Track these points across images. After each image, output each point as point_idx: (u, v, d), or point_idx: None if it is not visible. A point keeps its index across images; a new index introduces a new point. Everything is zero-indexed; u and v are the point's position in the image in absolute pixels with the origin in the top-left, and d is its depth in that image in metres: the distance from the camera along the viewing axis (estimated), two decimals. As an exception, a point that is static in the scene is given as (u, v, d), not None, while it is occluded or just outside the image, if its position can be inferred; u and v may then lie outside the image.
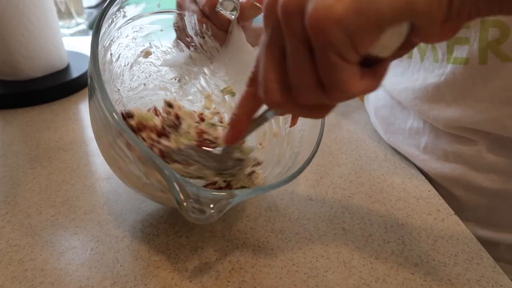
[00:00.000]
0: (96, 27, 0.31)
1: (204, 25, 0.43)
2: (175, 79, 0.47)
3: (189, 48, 0.45)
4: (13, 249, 0.38)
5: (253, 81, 0.27)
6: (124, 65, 0.42)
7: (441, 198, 0.47)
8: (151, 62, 0.45)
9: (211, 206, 0.28)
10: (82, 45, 0.86)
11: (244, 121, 0.29)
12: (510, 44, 0.38)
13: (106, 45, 0.38)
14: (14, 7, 0.57)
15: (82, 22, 1.22)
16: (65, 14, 0.88)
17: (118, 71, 0.41)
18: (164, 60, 0.46)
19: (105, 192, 0.45)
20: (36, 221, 0.41)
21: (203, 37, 0.44)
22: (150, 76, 0.46)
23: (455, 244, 0.40)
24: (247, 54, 0.43)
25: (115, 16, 0.36)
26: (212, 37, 0.44)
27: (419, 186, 0.49)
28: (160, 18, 0.44)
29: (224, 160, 0.35)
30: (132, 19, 0.40)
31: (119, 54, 0.41)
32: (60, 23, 0.68)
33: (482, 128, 0.43)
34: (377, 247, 0.40)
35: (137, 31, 0.42)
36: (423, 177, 0.50)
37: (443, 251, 0.39)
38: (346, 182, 0.48)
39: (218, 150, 0.35)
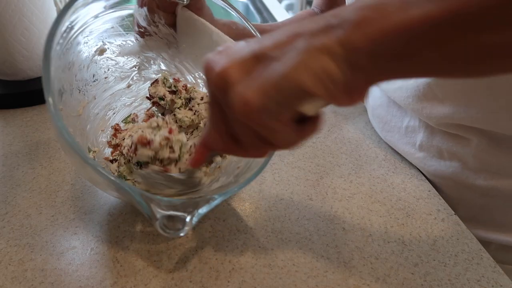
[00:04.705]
0: (44, 56, 0.31)
1: (155, 14, 0.45)
2: (135, 67, 0.50)
3: (143, 37, 0.48)
4: (13, 249, 0.38)
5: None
6: (81, 68, 0.44)
7: (441, 198, 0.47)
8: (108, 57, 0.47)
9: (183, 223, 0.31)
10: (82, 45, 0.86)
11: (205, 152, 0.33)
12: None
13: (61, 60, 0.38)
14: (14, 7, 0.57)
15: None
16: (65, 14, 0.88)
17: (77, 75, 0.43)
18: (120, 51, 0.48)
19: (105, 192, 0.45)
20: (36, 221, 0.41)
21: (157, 26, 0.46)
22: (108, 70, 0.48)
23: (455, 244, 0.41)
24: (203, 35, 0.45)
25: (63, 34, 0.36)
26: (165, 25, 0.46)
27: (419, 186, 0.49)
28: (109, 17, 0.45)
29: (187, 182, 0.38)
30: (81, 28, 0.41)
31: (74, 61, 0.42)
32: (60, 23, 0.68)
33: (474, 124, 0.43)
34: (377, 247, 0.40)
35: (87, 36, 0.43)
36: (423, 177, 0.50)
37: (443, 251, 0.39)
38: (346, 182, 0.48)
39: (182, 175, 0.37)
